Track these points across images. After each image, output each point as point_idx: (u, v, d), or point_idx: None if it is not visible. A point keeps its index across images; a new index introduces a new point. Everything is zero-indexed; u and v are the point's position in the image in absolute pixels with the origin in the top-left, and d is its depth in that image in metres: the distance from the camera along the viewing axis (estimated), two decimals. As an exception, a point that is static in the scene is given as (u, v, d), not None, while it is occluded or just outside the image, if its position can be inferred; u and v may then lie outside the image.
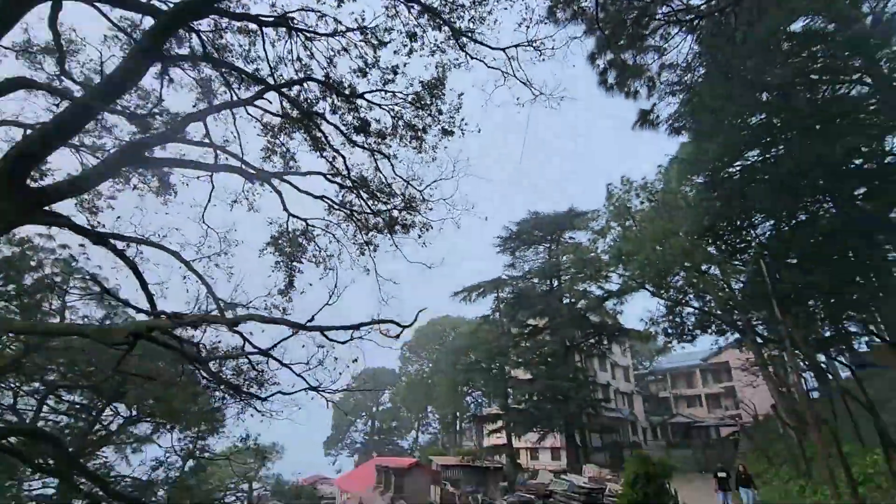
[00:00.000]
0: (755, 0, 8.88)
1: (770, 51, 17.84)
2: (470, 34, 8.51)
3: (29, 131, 7.29)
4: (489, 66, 8.87)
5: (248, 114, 10.10)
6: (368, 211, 11.43)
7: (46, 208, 5.71)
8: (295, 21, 8.26)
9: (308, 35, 8.58)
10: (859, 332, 28.13)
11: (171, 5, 6.47)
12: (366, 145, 10.21)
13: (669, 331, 35.93)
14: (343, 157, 10.43)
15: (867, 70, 20.10)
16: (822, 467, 12.73)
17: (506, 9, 8.27)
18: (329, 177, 10.42)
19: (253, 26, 8.27)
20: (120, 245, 8.06)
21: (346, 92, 9.19)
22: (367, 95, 9.42)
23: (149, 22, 7.08)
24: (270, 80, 8.91)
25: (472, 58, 8.89)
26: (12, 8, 4.96)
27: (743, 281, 33.21)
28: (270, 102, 9.62)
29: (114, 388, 14.43)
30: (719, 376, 51.79)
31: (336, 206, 11.37)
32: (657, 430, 52.81)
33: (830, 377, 29.47)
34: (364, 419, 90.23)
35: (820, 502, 12.59)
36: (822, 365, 30.24)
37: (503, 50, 8.60)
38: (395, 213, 12.19)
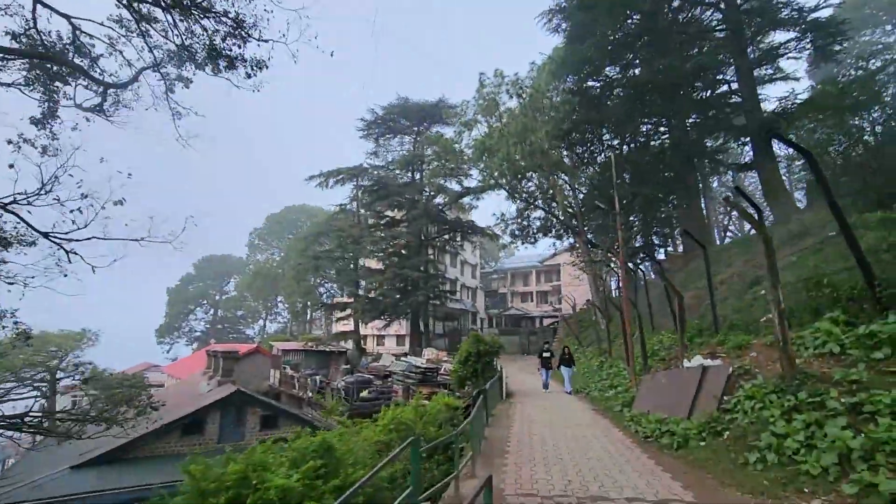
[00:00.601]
0: None
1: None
2: None
3: None
4: None
5: None
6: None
7: None
8: None
9: None
10: (661, 244, 33.82)
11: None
12: None
13: (517, 232, 38.73)
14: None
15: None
16: (620, 345, 14.68)
17: None
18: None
19: None
20: None
21: None
22: None
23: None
24: None
25: None
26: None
27: (584, 192, 36.27)
28: None
29: None
30: (550, 276, 58.99)
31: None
32: (493, 320, 59.33)
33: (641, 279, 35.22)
34: (205, 307, 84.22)
35: (616, 371, 14.67)
36: (632, 268, 35.71)
37: None
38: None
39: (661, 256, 42.63)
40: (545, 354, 16.62)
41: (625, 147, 33.97)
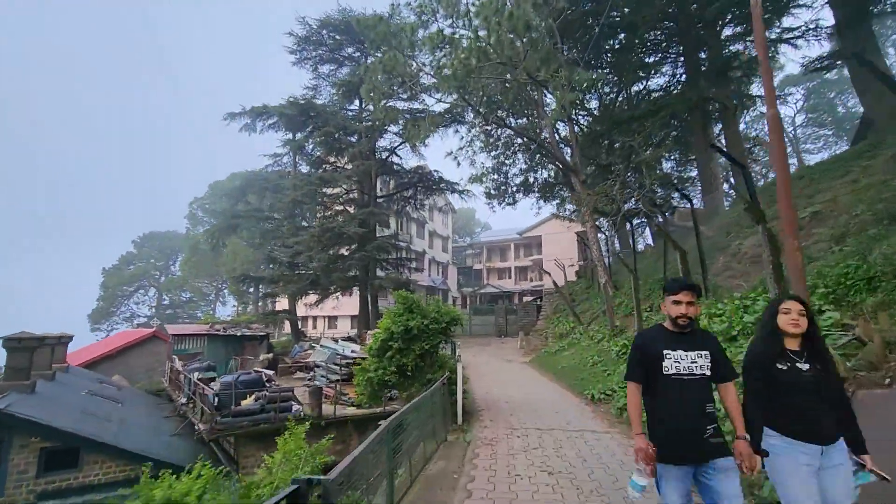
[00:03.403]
0: None
1: None
2: None
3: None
4: None
5: None
6: None
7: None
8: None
9: None
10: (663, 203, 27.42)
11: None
12: None
13: (493, 191, 31.83)
14: None
15: None
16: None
17: None
18: None
19: None
20: None
21: None
22: None
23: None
24: None
25: None
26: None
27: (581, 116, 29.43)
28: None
29: None
30: (531, 249, 52.58)
31: None
32: (467, 299, 52.79)
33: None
34: (147, 289, 75.60)
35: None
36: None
37: None
38: None
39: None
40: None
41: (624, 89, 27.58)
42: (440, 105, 21.87)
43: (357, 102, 26.08)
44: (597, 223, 20.43)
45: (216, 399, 12.09)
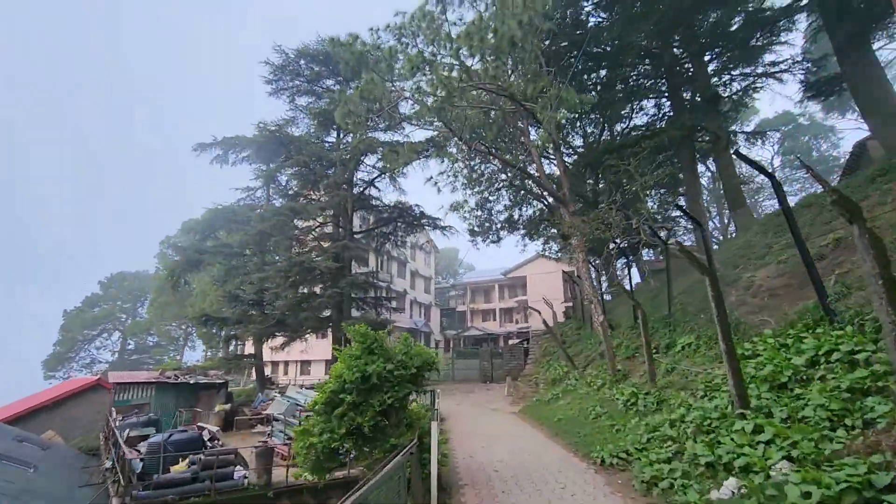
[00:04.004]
0: None
1: None
2: None
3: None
4: None
5: None
6: None
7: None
8: None
9: None
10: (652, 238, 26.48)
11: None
12: None
13: (476, 228, 30.66)
14: None
15: None
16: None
17: None
18: None
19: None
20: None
21: None
22: None
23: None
24: None
25: None
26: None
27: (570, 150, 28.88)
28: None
29: None
30: (515, 290, 51.13)
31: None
32: (450, 342, 50.51)
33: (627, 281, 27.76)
34: (111, 332, 71.48)
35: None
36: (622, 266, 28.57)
37: None
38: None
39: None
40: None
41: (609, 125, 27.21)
42: (421, 133, 20.81)
43: (335, 134, 24.97)
44: (588, 259, 19.12)
45: (141, 464, 9.87)
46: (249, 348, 29.60)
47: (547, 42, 16.58)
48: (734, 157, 17.27)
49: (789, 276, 9.98)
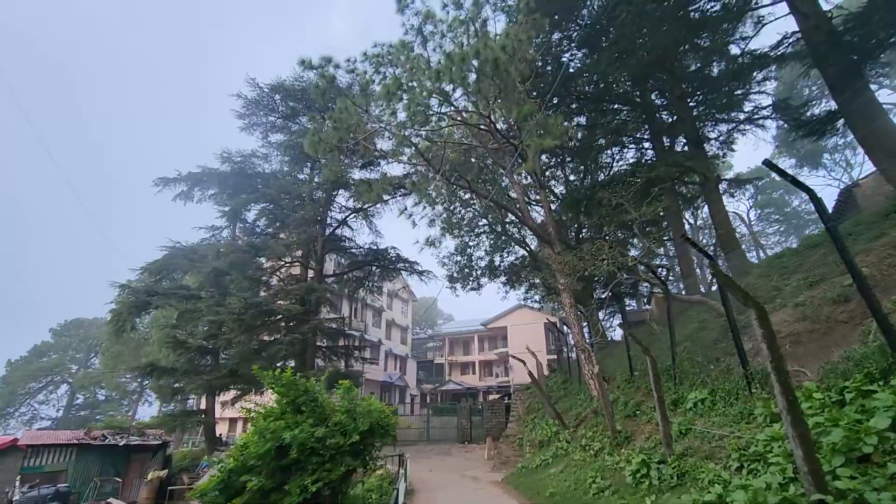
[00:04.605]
0: None
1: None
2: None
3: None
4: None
5: None
6: None
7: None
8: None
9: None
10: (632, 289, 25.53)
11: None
12: None
13: (456, 275, 29.31)
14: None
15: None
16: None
17: None
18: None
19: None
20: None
21: None
22: None
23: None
24: None
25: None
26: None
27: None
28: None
29: None
30: (495, 342, 49.01)
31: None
32: (427, 397, 47.48)
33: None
34: (58, 385, 65.82)
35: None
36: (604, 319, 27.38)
37: None
38: None
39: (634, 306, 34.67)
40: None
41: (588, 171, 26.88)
42: (399, 168, 19.76)
43: (307, 170, 23.77)
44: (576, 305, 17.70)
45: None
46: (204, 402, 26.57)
47: (528, 81, 16.01)
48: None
49: (812, 320, 8.71)
